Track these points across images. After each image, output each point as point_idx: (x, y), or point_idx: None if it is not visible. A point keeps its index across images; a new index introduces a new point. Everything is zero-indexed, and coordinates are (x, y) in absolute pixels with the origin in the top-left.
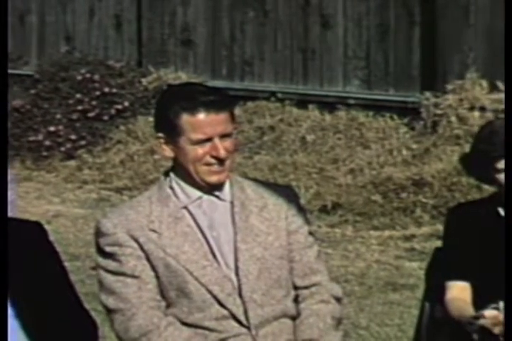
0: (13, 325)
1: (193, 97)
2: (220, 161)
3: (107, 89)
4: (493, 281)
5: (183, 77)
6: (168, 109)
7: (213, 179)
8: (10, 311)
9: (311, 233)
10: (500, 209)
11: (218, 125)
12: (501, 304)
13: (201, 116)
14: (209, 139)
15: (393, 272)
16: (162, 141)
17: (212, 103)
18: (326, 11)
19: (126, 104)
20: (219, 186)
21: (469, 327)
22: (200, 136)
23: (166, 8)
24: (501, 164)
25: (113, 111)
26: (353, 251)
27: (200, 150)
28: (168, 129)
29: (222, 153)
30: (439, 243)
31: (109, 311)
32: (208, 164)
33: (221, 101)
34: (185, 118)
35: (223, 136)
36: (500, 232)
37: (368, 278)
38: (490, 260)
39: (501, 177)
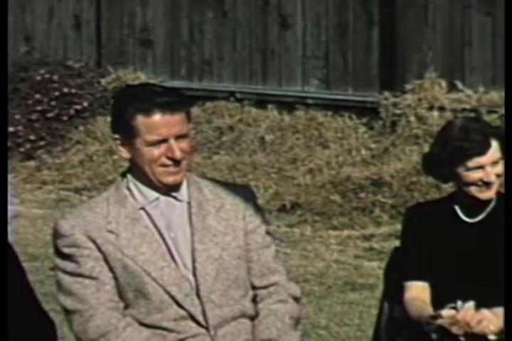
0: None
1: (148, 98)
2: (176, 162)
3: (66, 90)
4: (451, 281)
5: (142, 77)
6: (124, 110)
7: (169, 180)
8: None
9: (268, 233)
10: (457, 209)
11: (173, 126)
12: (459, 303)
13: (156, 117)
14: (164, 140)
15: (352, 272)
16: (118, 142)
17: (167, 104)
18: (284, 10)
19: (85, 104)
20: (176, 187)
21: (428, 327)
22: (155, 138)
23: (125, 9)
24: (474, 162)
25: (72, 112)
26: (312, 251)
27: (155, 151)
28: (124, 130)
29: (177, 154)
30: (398, 242)
31: (68, 312)
32: (164, 165)
33: (176, 102)
34: (140, 119)
35: (179, 137)
36: (457, 232)
37: (327, 278)
38: (448, 260)
39: (472, 175)
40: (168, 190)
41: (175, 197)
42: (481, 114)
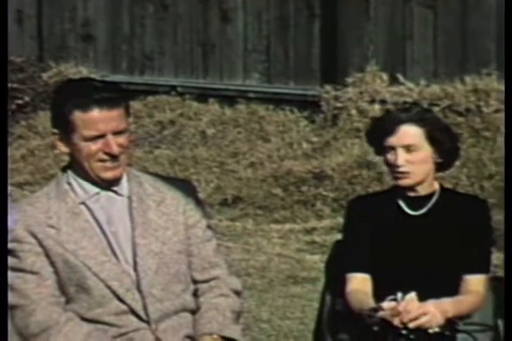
0: None
1: (86, 94)
2: (114, 157)
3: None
4: (394, 273)
5: (84, 71)
6: (62, 105)
7: (108, 175)
8: None
9: (209, 227)
10: (400, 201)
11: (111, 121)
12: (399, 295)
13: (93, 113)
14: (102, 136)
15: (294, 265)
16: (57, 137)
17: (105, 100)
18: (225, 5)
19: (27, 99)
20: (116, 181)
21: (369, 320)
22: (92, 133)
23: (66, 3)
24: (386, 142)
25: (14, 106)
26: (254, 245)
27: (93, 146)
28: (63, 125)
29: (115, 150)
30: (339, 236)
31: (9, 307)
32: (102, 160)
33: (114, 97)
34: (77, 115)
35: (117, 133)
36: (400, 224)
37: (269, 272)
38: (390, 252)
39: (387, 156)
40: (109, 184)
41: (115, 192)
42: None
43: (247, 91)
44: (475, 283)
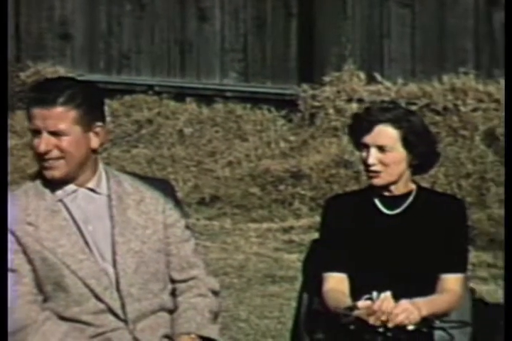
0: None
1: (35, 91)
2: (41, 157)
3: None
4: (371, 273)
5: (61, 71)
6: (25, 103)
7: (47, 174)
8: None
9: (187, 226)
10: (376, 200)
11: (48, 120)
12: (374, 294)
13: (35, 109)
14: (40, 133)
15: (272, 264)
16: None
17: (44, 98)
18: (203, 3)
19: None
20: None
21: (345, 319)
22: (31, 127)
23: (43, 3)
24: (362, 140)
25: None
26: (232, 244)
27: (33, 143)
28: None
29: (40, 148)
30: (317, 235)
31: None
32: (39, 159)
33: (50, 97)
34: (29, 111)
35: (55, 133)
36: (376, 223)
37: (246, 271)
38: (367, 251)
39: (361, 154)
40: (86, 182)
41: (93, 190)
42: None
43: (224, 90)
44: (451, 282)
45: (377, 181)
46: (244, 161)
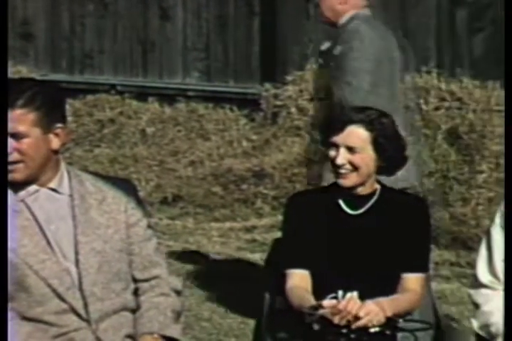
0: None
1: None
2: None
3: None
4: (334, 271)
5: (24, 71)
6: None
7: (11, 177)
8: None
9: (150, 226)
10: (339, 200)
11: (9, 122)
12: (340, 293)
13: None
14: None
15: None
16: None
17: (13, 100)
18: (165, 3)
19: None
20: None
21: (309, 318)
22: None
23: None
24: (331, 139)
25: None
26: (194, 243)
27: None
28: None
29: None
30: (280, 234)
31: None
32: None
33: (16, 100)
34: None
35: (16, 136)
36: (339, 223)
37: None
38: (329, 250)
39: (329, 153)
40: (48, 182)
41: (55, 190)
42: None
43: (186, 89)
44: (412, 281)
45: (344, 182)
46: (207, 160)
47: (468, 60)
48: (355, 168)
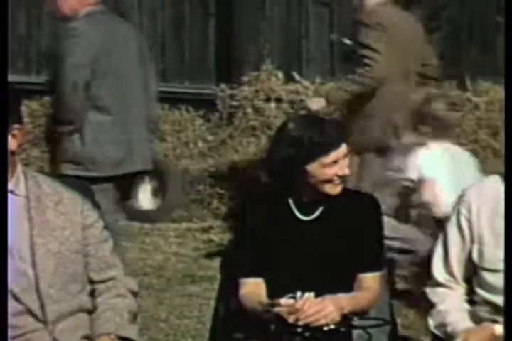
0: None
1: None
2: None
3: None
4: (288, 278)
5: None
6: None
7: None
8: None
9: (106, 227)
10: (292, 206)
11: None
12: (298, 294)
13: None
14: None
15: (191, 264)
16: None
17: None
18: (121, 4)
19: None
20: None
21: (265, 314)
22: None
23: None
24: (331, 157)
25: None
26: (151, 244)
27: None
28: None
29: None
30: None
31: None
32: None
33: None
34: None
35: None
36: (291, 229)
37: (166, 271)
38: (283, 256)
39: (328, 171)
40: None
41: (12, 192)
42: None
43: None
44: (369, 280)
45: (338, 190)
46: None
47: None
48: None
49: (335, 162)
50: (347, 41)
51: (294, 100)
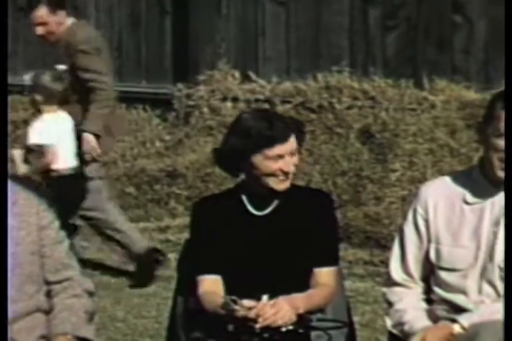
0: None
1: None
2: None
3: None
4: (245, 274)
5: None
6: None
7: None
8: None
9: (61, 228)
10: (245, 201)
11: None
12: (255, 295)
13: None
14: None
15: None
16: None
17: None
18: (78, 2)
19: None
20: None
21: (225, 316)
22: None
23: None
24: (275, 151)
25: None
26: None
27: None
28: None
29: None
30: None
31: None
32: None
33: None
34: None
35: None
36: (245, 224)
37: (124, 271)
38: (239, 253)
39: (272, 165)
40: None
41: None
42: (275, 104)
43: None
44: (324, 275)
45: (286, 185)
46: (120, 161)
47: (380, 58)
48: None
49: (280, 157)
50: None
51: (251, 99)
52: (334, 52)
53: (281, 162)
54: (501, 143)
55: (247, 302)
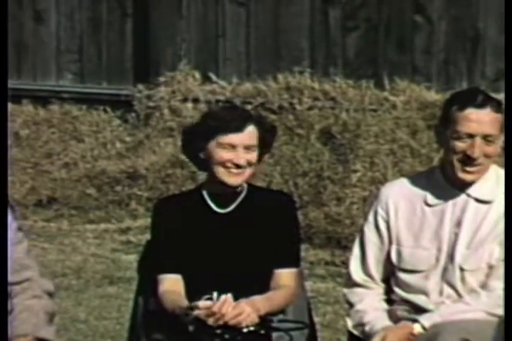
0: None
1: None
2: None
3: None
4: (207, 273)
5: None
6: None
7: None
8: None
9: (20, 228)
10: (207, 199)
11: None
12: (215, 294)
13: None
14: None
15: (110, 265)
16: None
17: None
18: (39, 5)
19: None
20: None
21: (185, 318)
22: None
23: None
24: (226, 138)
25: None
26: (70, 245)
27: None
28: None
29: None
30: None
31: None
32: None
33: None
34: None
35: None
36: (208, 222)
37: (84, 272)
38: (201, 252)
39: (222, 154)
40: None
41: None
42: (235, 105)
43: (60, 91)
44: (285, 277)
45: (237, 180)
46: (81, 162)
47: (341, 59)
48: (250, 166)
49: (233, 147)
50: None
51: (211, 100)
52: (295, 53)
53: (233, 153)
54: (460, 145)
55: (202, 304)
